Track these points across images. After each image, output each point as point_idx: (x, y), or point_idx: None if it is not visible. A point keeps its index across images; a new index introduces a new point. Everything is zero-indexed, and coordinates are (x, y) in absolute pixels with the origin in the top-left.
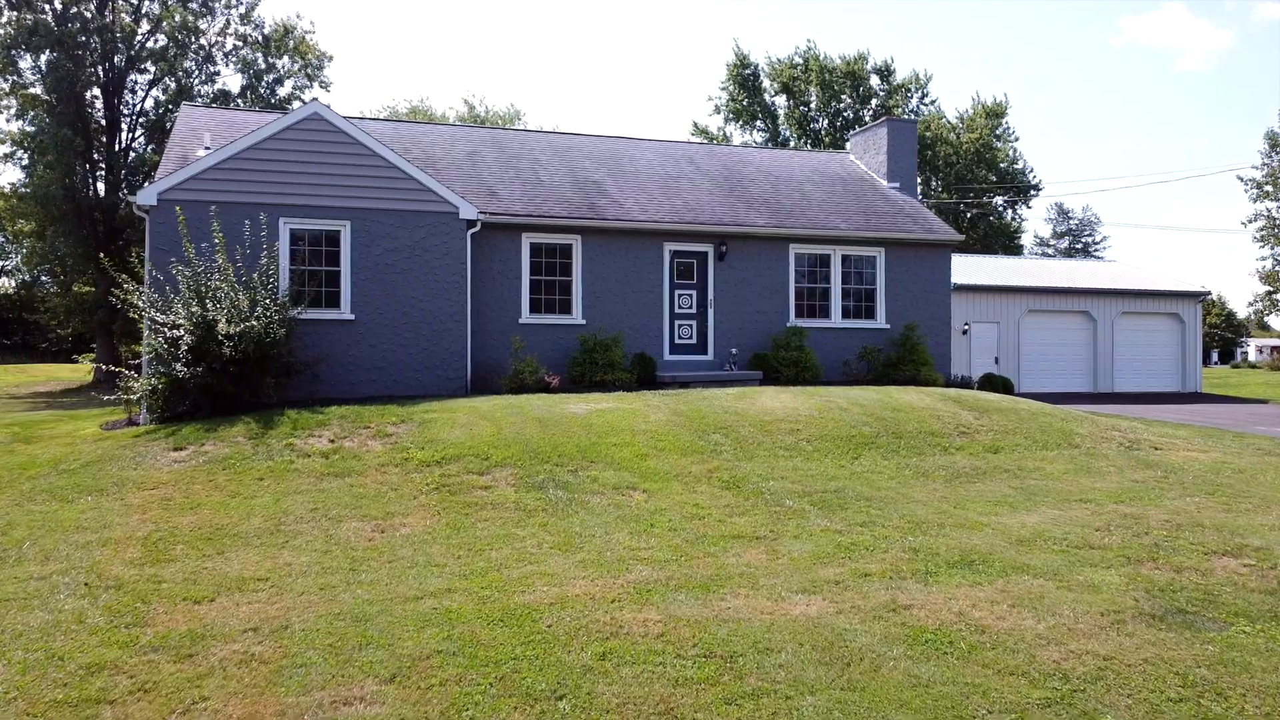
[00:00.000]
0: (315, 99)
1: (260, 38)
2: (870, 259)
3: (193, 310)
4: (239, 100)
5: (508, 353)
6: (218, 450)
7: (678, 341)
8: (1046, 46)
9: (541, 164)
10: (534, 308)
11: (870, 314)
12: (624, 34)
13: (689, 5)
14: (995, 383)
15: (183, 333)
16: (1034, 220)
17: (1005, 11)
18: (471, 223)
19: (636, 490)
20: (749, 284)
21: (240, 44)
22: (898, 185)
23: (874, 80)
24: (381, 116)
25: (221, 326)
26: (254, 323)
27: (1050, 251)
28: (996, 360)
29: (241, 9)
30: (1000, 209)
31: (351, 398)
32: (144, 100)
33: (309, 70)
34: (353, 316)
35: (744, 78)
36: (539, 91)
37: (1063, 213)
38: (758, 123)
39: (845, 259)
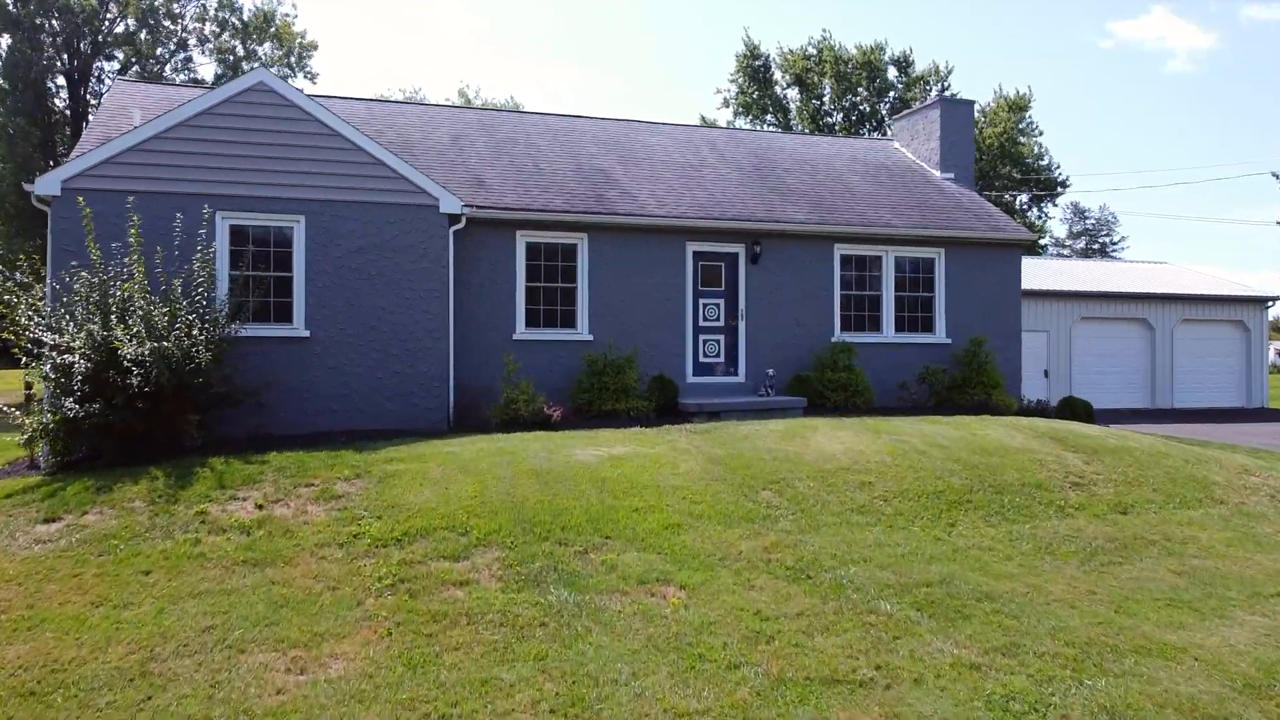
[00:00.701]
0: (260, 69)
1: (238, 23)
2: (928, 261)
3: (90, 328)
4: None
5: (499, 375)
6: (101, 522)
7: (703, 360)
8: (1036, 50)
9: (539, 150)
10: (531, 320)
11: (928, 326)
12: (627, 23)
13: None
14: (1076, 409)
15: (76, 357)
16: (1058, 219)
17: (995, 17)
18: (455, 218)
19: (671, 584)
20: (787, 291)
21: (217, 30)
22: (952, 176)
23: (891, 72)
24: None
25: (125, 350)
26: (168, 344)
27: (1066, 252)
28: (1046, 374)
29: None
30: (1024, 207)
31: (304, 433)
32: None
33: (291, 59)
34: (307, 333)
35: (754, 69)
36: (538, 84)
37: (1079, 212)
38: (768, 116)
39: (899, 262)
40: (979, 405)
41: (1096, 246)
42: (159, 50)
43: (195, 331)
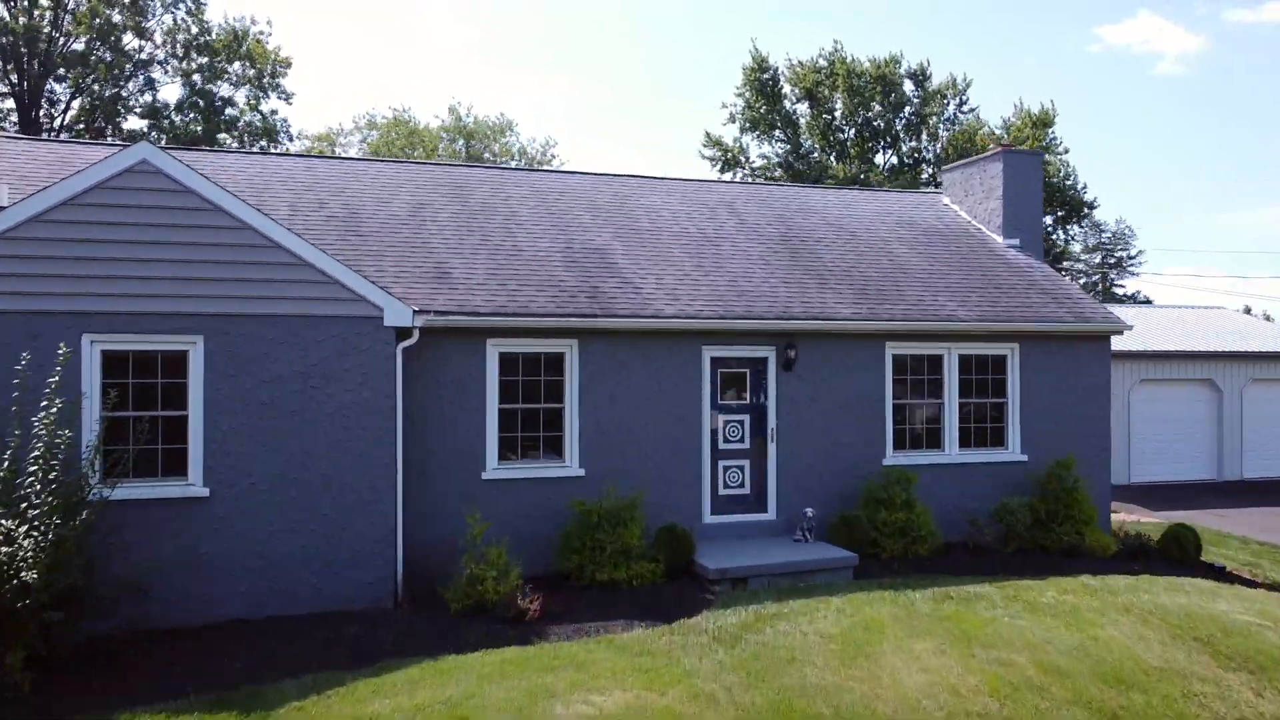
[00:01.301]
0: (144, 143)
1: (204, 42)
2: (998, 359)
3: None
4: (172, 116)
5: (461, 529)
6: None
7: (723, 492)
8: (1027, 55)
9: (521, 221)
10: (506, 452)
11: (999, 440)
12: (617, 32)
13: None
14: (1185, 544)
15: None
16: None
17: (986, 22)
18: (405, 331)
19: None
20: (828, 402)
21: (183, 50)
22: (1017, 243)
23: (907, 86)
24: (294, 154)
25: None
26: None
27: (1080, 268)
28: None
29: (184, 9)
30: (1049, 229)
31: (199, 623)
32: (67, 112)
33: (263, 79)
34: (206, 490)
35: (762, 83)
36: (527, 94)
37: (1093, 225)
38: (776, 132)
39: (964, 360)
40: (1069, 549)
41: (1113, 261)
42: (118, 70)
43: (22, 527)
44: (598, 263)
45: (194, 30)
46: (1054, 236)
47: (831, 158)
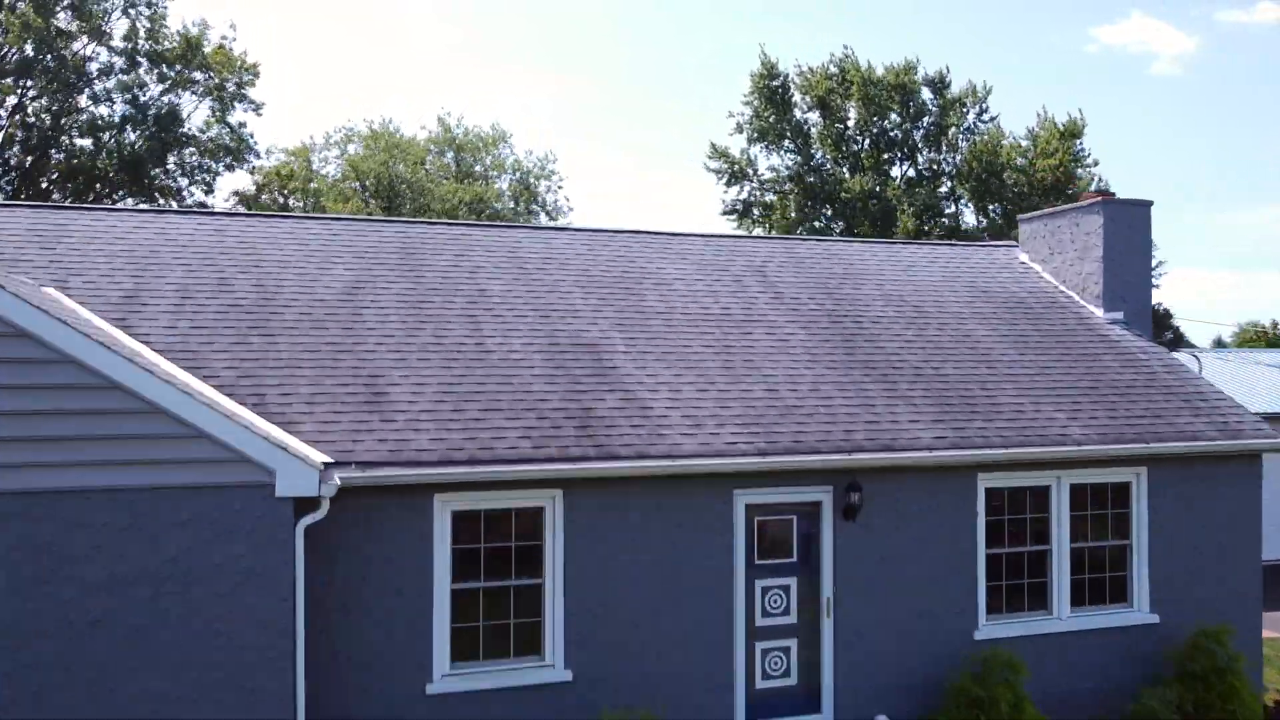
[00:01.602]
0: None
1: (157, 49)
2: (1120, 489)
3: None
4: (125, 131)
5: None
6: None
7: (762, 684)
8: (1022, 57)
9: (490, 305)
10: (462, 649)
11: (1120, 594)
12: (601, 33)
13: (702, 7)
14: None
15: None
16: None
17: (976, 26)
18: (310, 501)
19: None
20: (902, 558)
21: (134, 57)
22: (1121, 318)
23: (925, 94)
24: (192, 210)
25: None
26: None
27: None
28: None
29: (135, 12)
30: None
31: None
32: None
33: (227, 89)
34: None
35: (771, 90)
36: (515, 94)
37: None
38: (786, 142)
39: (1075, 492)
40: None
41: None
42: (58, 81)
43: None
44: (591, 368)
45: (144, 36)
46: None
47: (845, 169)
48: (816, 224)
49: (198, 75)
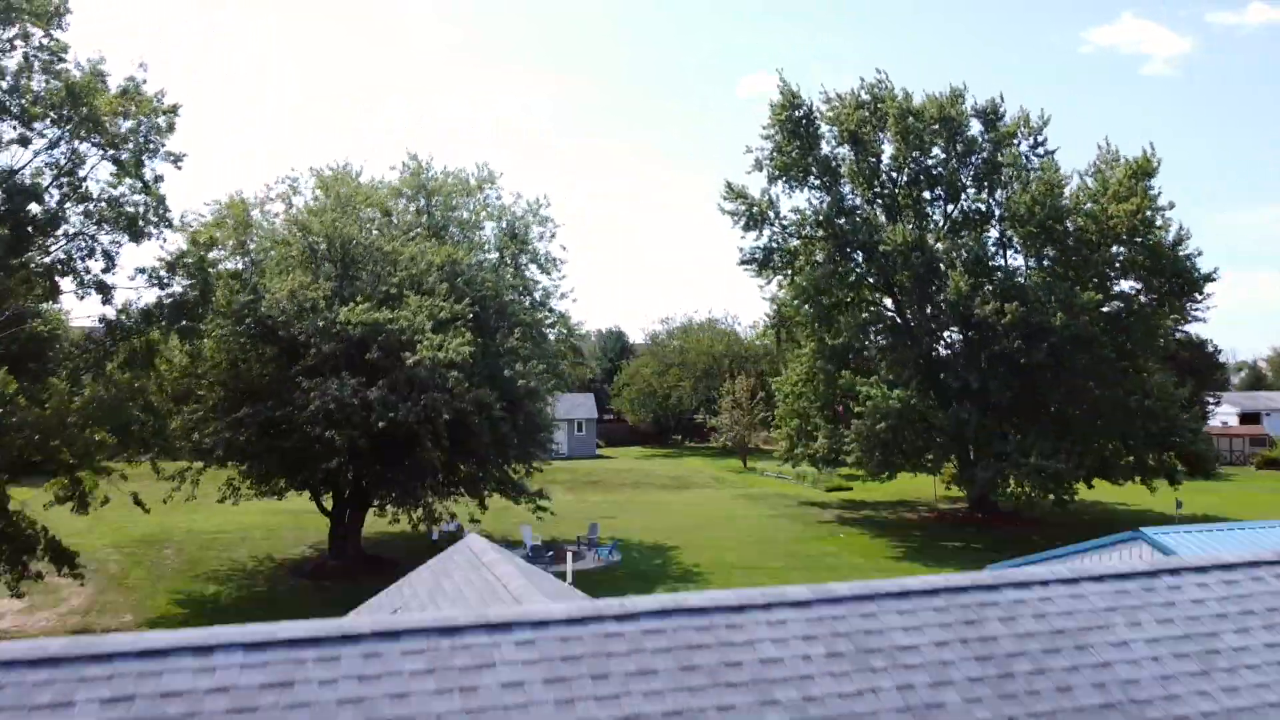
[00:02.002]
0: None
1: (44, 93)
2: None
3: None
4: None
5: None
6: None
7: None
8: (1018, 59)
9: None
10: None
11: None
12: (600, 33)
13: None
14: None
15: None
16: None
17: (973, 31)
18: None
19: None
20: None
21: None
22: None
23: (974, 126)
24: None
25: None
26: None
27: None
28: None
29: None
30: (1148, 304)
31: None
32: None
33: (129, 142)
34: None
35: (794, 122)
36: (515, 94)
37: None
38: (811, 178)
39: None
40: None
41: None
42: None
43: None
44: None
45: (36, 80)
46: (1166, 313)
47: (879, 211)
48: (848, 274)
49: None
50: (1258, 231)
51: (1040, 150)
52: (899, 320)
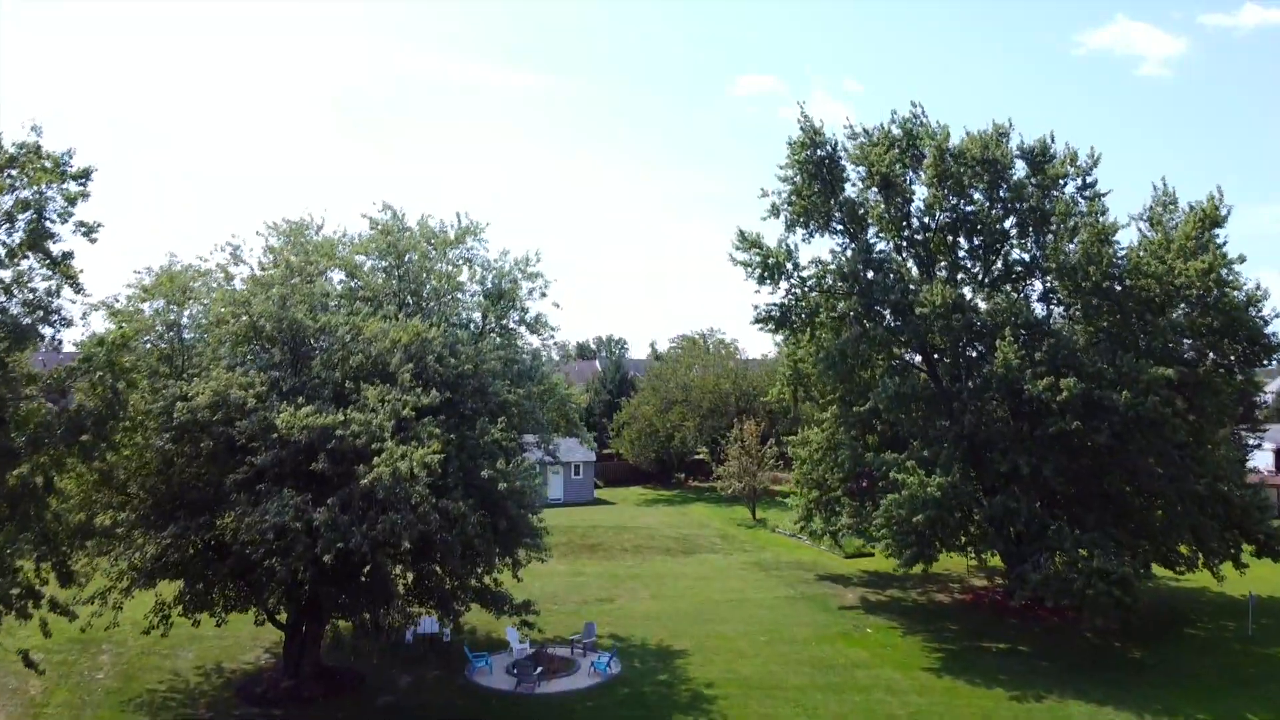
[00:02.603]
0: None
1: None
2: None
3: None
4: None
5: None
6: None
7: None
8: (1014, 62)
9: None
10: None
11: None
12: (587, 29)
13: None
14: None
15: None
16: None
17: (966, 33)
18: None
19: None
20: None
21: None
22: None
23: (1019, 167)
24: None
25: None
26: None
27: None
28: None
29: None
30: (1216, 370)
31: None
32: None
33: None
34: None
35: (816, 162)
36: (513, 95)
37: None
38: (834, 224)
39: None
40: None
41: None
42: None
43: None
44: None
45: None
46: (1234, 375)
47: (909, 260)
48: (876, 337)
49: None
50: (1257, 231)
51: (1088, 192)
52: (935, 387)
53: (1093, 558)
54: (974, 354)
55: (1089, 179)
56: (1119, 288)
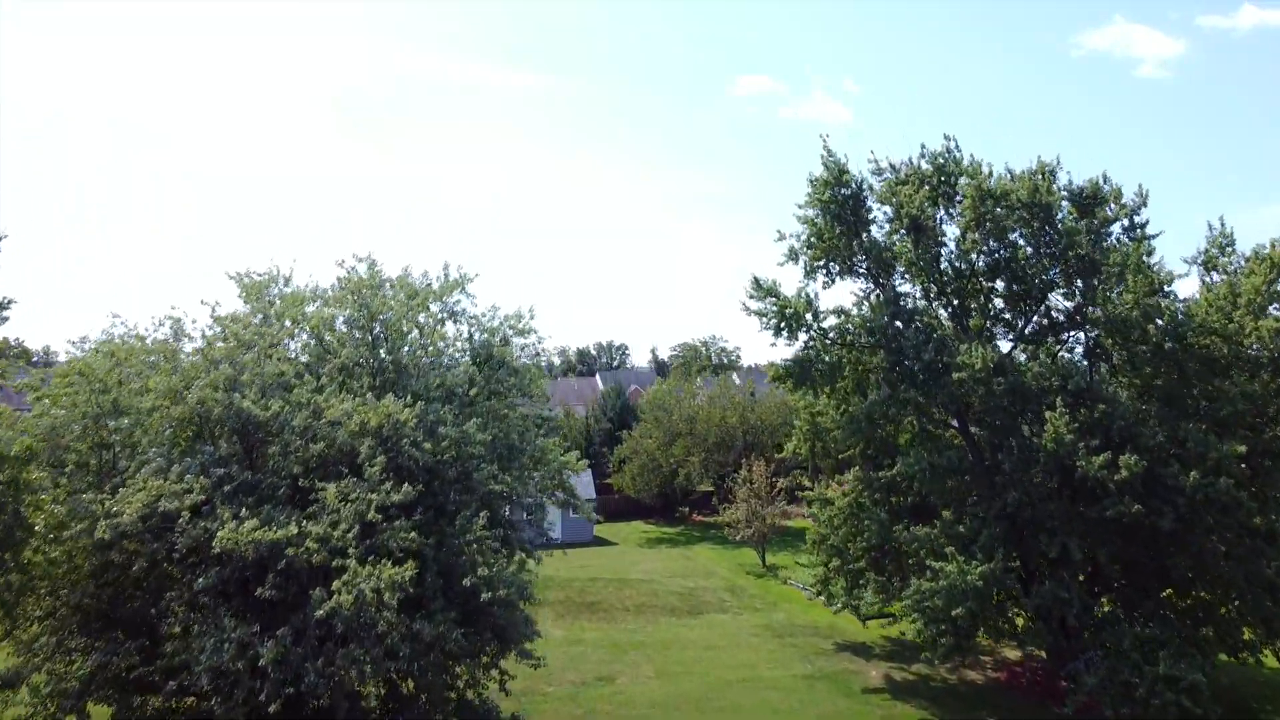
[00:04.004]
0: None
1: None
2: None
3: None
4: None
5: None
6: None
7: None
8: (1011, 65)
9: None
10: None
11: None
12: (587, 29)
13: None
14: None
15: None
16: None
17: (964, 34)
18: None
19: None
20: None
21: None
22: None
23: (1064, 206)
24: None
25: None
26: None
27: None
28: None
29: None
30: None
31: None
32: None
33: None
34: None
35: (839, 201)
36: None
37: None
38: (857, 269)
39: None
40: None
41: None
42: None
43: None
44: None
45: None
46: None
47: (941, 310)
48: (907, 399)
49: None
50: (1256, 231)
51: (1136, 233)
52: (973, 457)
53: (1157, 660)
54: (1018, 420)
55: (1137, 218)
56: (1180, 349)
